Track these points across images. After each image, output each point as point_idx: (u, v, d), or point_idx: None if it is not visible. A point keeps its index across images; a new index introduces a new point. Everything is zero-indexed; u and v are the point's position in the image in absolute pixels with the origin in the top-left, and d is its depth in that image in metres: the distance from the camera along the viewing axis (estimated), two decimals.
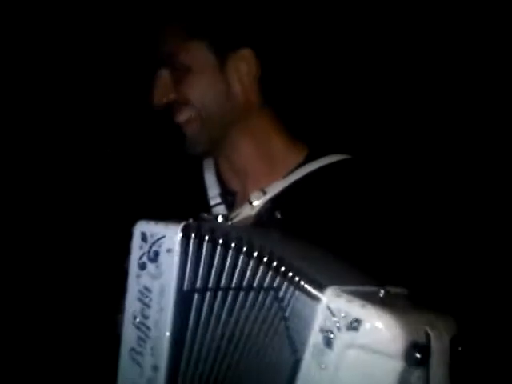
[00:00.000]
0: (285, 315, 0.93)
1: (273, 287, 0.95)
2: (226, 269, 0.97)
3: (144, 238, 1.02)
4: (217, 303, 0.98)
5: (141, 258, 1.02)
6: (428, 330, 0.82)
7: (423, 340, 0.82)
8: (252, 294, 0.96)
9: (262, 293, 0.96)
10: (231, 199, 1.30)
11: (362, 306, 0.83)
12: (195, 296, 0.98)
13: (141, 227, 1.03)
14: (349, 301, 0.85)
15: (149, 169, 1.47)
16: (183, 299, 0.98)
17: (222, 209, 1.28)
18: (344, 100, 2.17)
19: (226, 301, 0.98)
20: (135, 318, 1.01)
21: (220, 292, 0.98)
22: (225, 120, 1.26)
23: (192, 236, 0.98)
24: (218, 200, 1.30)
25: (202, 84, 1.24)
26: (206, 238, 0.98)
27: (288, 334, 0.91)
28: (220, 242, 0.97)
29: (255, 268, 0.96)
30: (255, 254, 0.96)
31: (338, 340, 0.84)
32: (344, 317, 0.83)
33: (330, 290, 0.87)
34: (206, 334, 0.98)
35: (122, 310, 1.15)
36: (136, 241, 1.02)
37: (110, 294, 1.21)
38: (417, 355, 0.80)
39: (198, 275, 0.98)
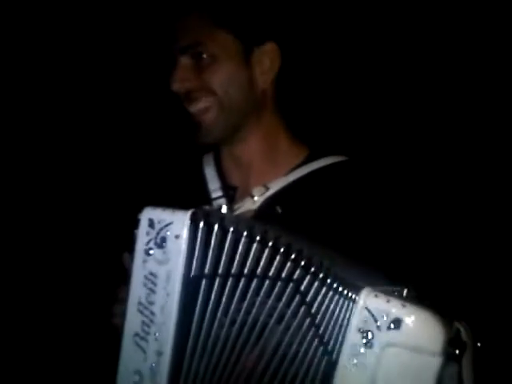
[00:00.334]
0: (311, 311, 0.94)
1: (293, 279, 0.96)
2: (238, 256, 0.98)
3: (151, 224, 1.02)
4: (227, 289, 0.99)
5: (147, 243, 1.02)
6: (458, 325, 0.87)
7: (455, 335, 0.86)
8: (268, 282, 0.98)
9: (279, 283, 0.97)
10: (232, 193, 1.31)
11: (403, 306, 0.86)
12: (203, 282, 0.99)
13: (148, 214, 1.03)
14: (388, 301, 0.87)
15: (149, 161, 1.48)
16: (190, 285, 0.99)
17: (223, 202, 1.29)
18: (343, 102, 2.19)
19: (237, 287, 0.99)
20: (140, 303, 1.02)
21: (231, 278, 0.99)
22: (242, 110, 1.28)
23: (201, 223, 0.99)
24: (220, 193, 1.31)
25: (226, 73, 1.25)
26: (215, 225, 0.99)
27: (318, 333, 0.93)
28: (231, 229, 0.99)
29: (271, 257, 0.97)
30: (270, 244, 0.97)
31: (377, 340, 0.86)
32: (384, 317, 0.86)
33: (366, 291, 0.89)
34: (214, 319, 0.99)
35: (119, 300, 1.17)
36: (142, 227, 1.03)
37: (106, 285, 1.21)
38: (455, 351, 0.84)
39: (206, 261, 0.99)
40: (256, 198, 1.27)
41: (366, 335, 0.87)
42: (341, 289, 0.93)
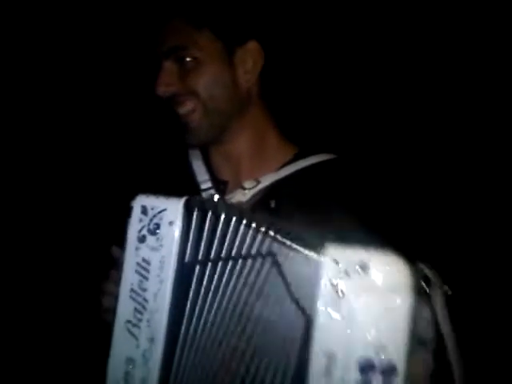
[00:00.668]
0: (287, 280, 0.95)
1: (270, 253, 0.97)
2: (227, 240, 0.99)
3: (144, 211, 1.02)
4: (217, 274, 0.99)
5: (140, 230, 1.02)
6: (423, 267, 0.91)
7: (423, 274, 0.89)
8: (249, 261, 0.98)
9: (259, 259, 0.98)
10: (223, 187, 1.32)
11: (367, 251, 0.88)
12: (197, 268, 1.00)
13: (141, 201, 1.03)
14: (353, 250, 0.89)
15: (136, 155, 1.48)
16: (184, 271, 0.99)
17: (213, 193, 1.30)
18: (331, 100, 2.21)
19: (225, 271, 0.99)
20: (132, 290, 1.02)
21: (221, 263, 0.99)
22: (229, 110, 1.29)
23: (195, 209, 1.00)
24: (209, 185, 1.31)
25: (210, 75, 1.26)
26: (209, 212, 0.99)
27: (293, 298, 0.94)
28: (223, 215, 0.99)
29: (253, 237, 0.98)
30: (254, 225, 0.98)
31: (348, 288, 0.87)
32: (351, 264, 0.87)
33: (331, 246, 0.91)
34: (205, 304, 0.99)
35: (107, 293, 1.16)
36: (135, 214, 1.03)
37: (96, 277, 1.21)
38: (423, 285, 0.87)
39: (200, 247, 0.99)
40: (247, 190, 1.28)
41: (336, 285, 0.88)
42: (307, 248, 0.94)
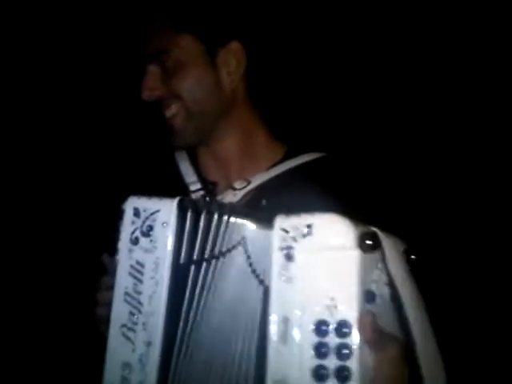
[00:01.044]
0: (249, 258, 0.96)
1: (243, 238, 0.98)
2: (219, 238, 0.99)
3: (137, 213, 1.01)
4: (210, 272, 0.99)
5: (133, 232, 1.01)
6: (376, 230, 0.89)
7: (375, 231, 0.88)
8: (231, 253, 0.99)
9: (233, 251, 0.99)
10: (212, 188, 1.30)
11: (311, 215, 0.89)
12: (192, 268, 0.98)
13: (133, 203, 1.02)
14: (298, 216, 0.90)
15: (122, 157, 1.46)
16: (179, 272, 0.98)
17: (202, 194, 1.29)
18: (319, 98, 2.21)
19: (216, 268, 0.99)
20: (127, 293, 1.00)
21: (213, 260, 0.99)
22: (213, 112, 1.28)
23: (189, 209, 0.99)
24: (198, 186, 1.30)
25: (193, 78, 1.26)
26: (203, 211, 0.99)
27: (252, 269, 0.95)
28: (216, 214, 0.99)
29: (232, 228, 0.99)
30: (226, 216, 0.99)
31: (297, 251, 0.88)
32: (297, 228, 0.89)
33: (280, 216, 0.92)
34: (200, 305, 0.98)
35: (100, 303, 1.14)
36: (128, 216, 1.02)
37: (87, 282, 1.19)
38: (369, 242, 0.86)
39: (195, 247, 0.98)
40: (237, 190, 1.27)
41: (286, 251, 0.89)
42: (260, 221, 0.96)
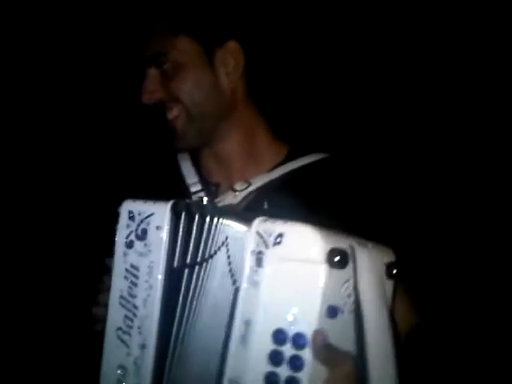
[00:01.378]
0: (229, 259, 0.96)
1: (226, 238, 0.97)
2: (210, 240, 0.98)
3: (131, 216, 1.01)
4: (203, 275, 0.98)
5: (128, 236, 1.01)
6: (354, 244, 0.87)
7: (346, 248, 0.85)
8: (218, 254, 0.98)
9: (218, 252, 0.98)
10: (214, 189, 1.30)
11: (285, 223, 0.89)
12: (185, 272, 0.98)
13: (128, 206, 1.02)
14: (273, 222, 0.90)
15: (125, 159, 1.47)
16: (173, 276, 0.98)
17: (203, 196, 1.28)
18: (321, 97, 2.19)
19: (205, 271, 0.98)
20: (122, 297, 1.01)
21: (204, 264, 0.98)
22: (214, 114, 1.27)
23: (183, 213, 0.99)
24: (199, 187, 1.30)
25: (191, 80, 1.25)
26: (196, 215, 0.98)
27: (230, 270, 0.95)
28: (208, 218, 0.98)
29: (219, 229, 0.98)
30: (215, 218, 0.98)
31: (266, 257, 0.88)
32: (270, 235, 0.88)
33: (259, 220, 0.91)
34: (192, 308, 0.98)
35: (99, 303, 1.15)
36: (123, 220, 1.02)
37: (87, 282, 1.20)
38: (337, 258, 0.84)
39: (188, 251, 0.98)
40: (237, 192, 1.26)
41: (258, 256, 0.89)
42: (239, 222, 0.95)
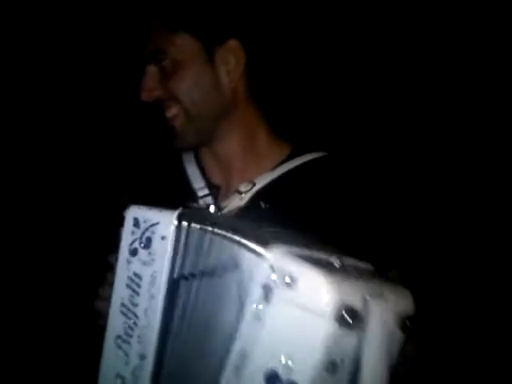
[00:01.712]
0: (241, 280, 0.91)
1: (233, 257, 0.93)
2: (211, 255, 0.95)
3: (136, 223, 0.99)
4: (202, 290, 0.96)
5: (132, 243, 0.99)
6: (368, 297, 0.83)
7: (358, 305, 0.82)
8: (226, 274, 0.94)
9: (230, 270, 0.94)
10: (215, 192, 1.28)
11: (301, 266, 0.84)
12: (182, 283, 0.96)
13: (133, 212, 1.00)
14: (291, 260, 0.85)
15: (132, 160, 1.45)
16: (173, 287, 0.96)
17: (209, 200, 1.27)
18: (323, 97, 2.17)
19: (210, 287, 0.95)
20: (123, 304, 0.99)
21: (204, 278, 0.96)
22: (213, 114, 1.25)
23: (185, 223, 0.96)
24: (206, 191, 1.28)
25: (190, 78, 1.22)
26: (197, 226, 0.96)
27: (239, 293, 0.91)
28: (209, 229, 0.95)
29: (225, 245, 0.93)
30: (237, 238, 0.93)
31: (275, 296, 0.84)
32: (282, 274, 0.84)
33: (276, 249, 0.87)
34: (191, 321, 0.96)
35: (101, 297, 1.14)
36: (127, 226, 1.00)
37: (90, 285, 1.19)
38: (347, 318, 0.80)
39: (186, 262, 0.96)
40: (243, 194, 1.24)
41: (266, 291, 0.85)
42: (254, 246, 0.89)
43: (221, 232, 0.94)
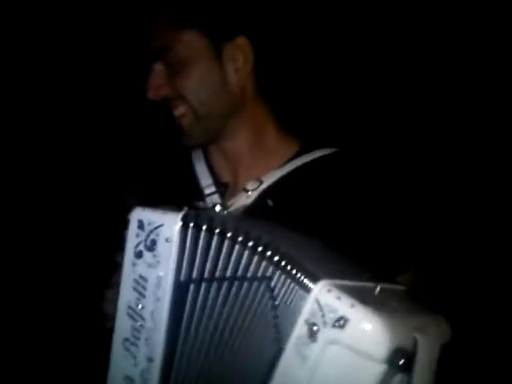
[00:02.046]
0: (275, 303, 0.90)
1: (266, 277, 0.92)
2: (221, 259, 0.95)
3: (141, 225, 0.98)
4: (211, 294, 0.95)
5: (137, 246, 0.99)
6: (417, 336, 0.81)
7: (409, 346, 0.80)
8: (246, 284, 0.94)
9: (255, 283, 0.93)
10: (223, 190, 1.27)
11: (351, 306, 0.81)
12: (191, 287, 0.96)
13: (137, 215, 0.99)
14: (338, 297, 0.82)
15: (140, 158, 1.44)
16: (180, 290, 0.95)
17: (216, 198, 1.26)
18: (331, 94, 2.16)
19: (220, 291, 0.95)
20: (130, 307, 0.99)
21: (215, 282, 0.95)
22: (222, 113, 1.24)
23: (190, 225, 0.95)
24: (213, 189, 1.27)
25: (198, 76, 1.20)
26: (203, 227, 0.95)
27: (275, 323, 0.89)
28: (217, 231, 0.95)
29: (250, 258, 0.93)
30: (250, 244, 0.93)
31: (322, 334, 0.82)
32: (331, 313, 0.81)
33: (322, 284, 0.85)
34: (200, 325, 0.96)
35: (108, 299, 1.14)
36: (132, 228, 0.99)
37: (96, 286, 1.19)
38: (400, 361, 0.78)
39: (194, 265, 0.95)
40: (250, 192, 1.23)
41: (312, 328, 0.83)
42: (298, 275, 0.88)
43: (241, 240, 0.93)
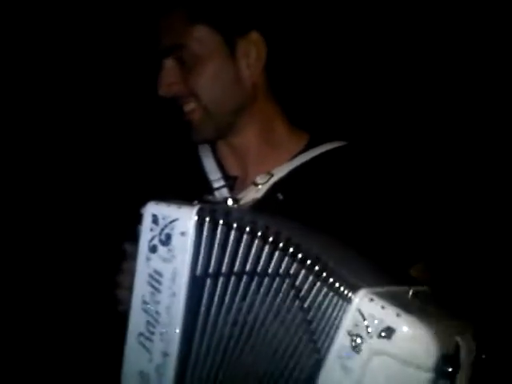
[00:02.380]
0: (303, 305, 0.90)
1: (289, 274, 0.93)
2: (240, 253, 0.95)
3: (155, 220, 0.98)
4: (230, 288, 0.95)
5: (151, 240, 0.98)
6: (459, 340, 0.81)
7: (453, 352, 0.80)
8: (267, 279, 0.94)
9: (277, 279, 0.93)
10: (232, 183, 1.27)
11: (397, 315, 0.80)
12: (208, 281, 0.95)
13: (151, 209, 0.98)
14: (383, 307, 0.82)
15: (149, 153, 1.43)
16: (196, 284, 0.95)
17: (225, 192, 1.25)
18: (340, 89, 2.15)
19: (239, 286, 0.95)
20: (144, 302, 0.98)
21: (233, 277, 0.95)
22: (232, 109, 1.23)
23: (207, 219, 0.94)
24: (222, 183, 1.26)
25: (210, 73, 1.19)
26: (220, 222, 0.95)
27: (309, 329, 0.89)
28: (234, 225, 0.94)
29: (270, 253, 0.93)
30: (271, 239, 0.93)
31: (366, 345, 0.81)
32: (376, 323, 0.81)
33: (362, 293, 0.84)
34: (217, 320, 0.96)
35: (122, 286, 1.13)
36: (146, 223, 0.98)
37: (107, 280, 1.18)
38: (448, 368, 0.79)
39: (211, 260, 0.95)
40: (260, 185, 1.22)
41: (355, 339, 0.82)
42: (337, 285, 0.88)
43: (260, 234, 0.93)
